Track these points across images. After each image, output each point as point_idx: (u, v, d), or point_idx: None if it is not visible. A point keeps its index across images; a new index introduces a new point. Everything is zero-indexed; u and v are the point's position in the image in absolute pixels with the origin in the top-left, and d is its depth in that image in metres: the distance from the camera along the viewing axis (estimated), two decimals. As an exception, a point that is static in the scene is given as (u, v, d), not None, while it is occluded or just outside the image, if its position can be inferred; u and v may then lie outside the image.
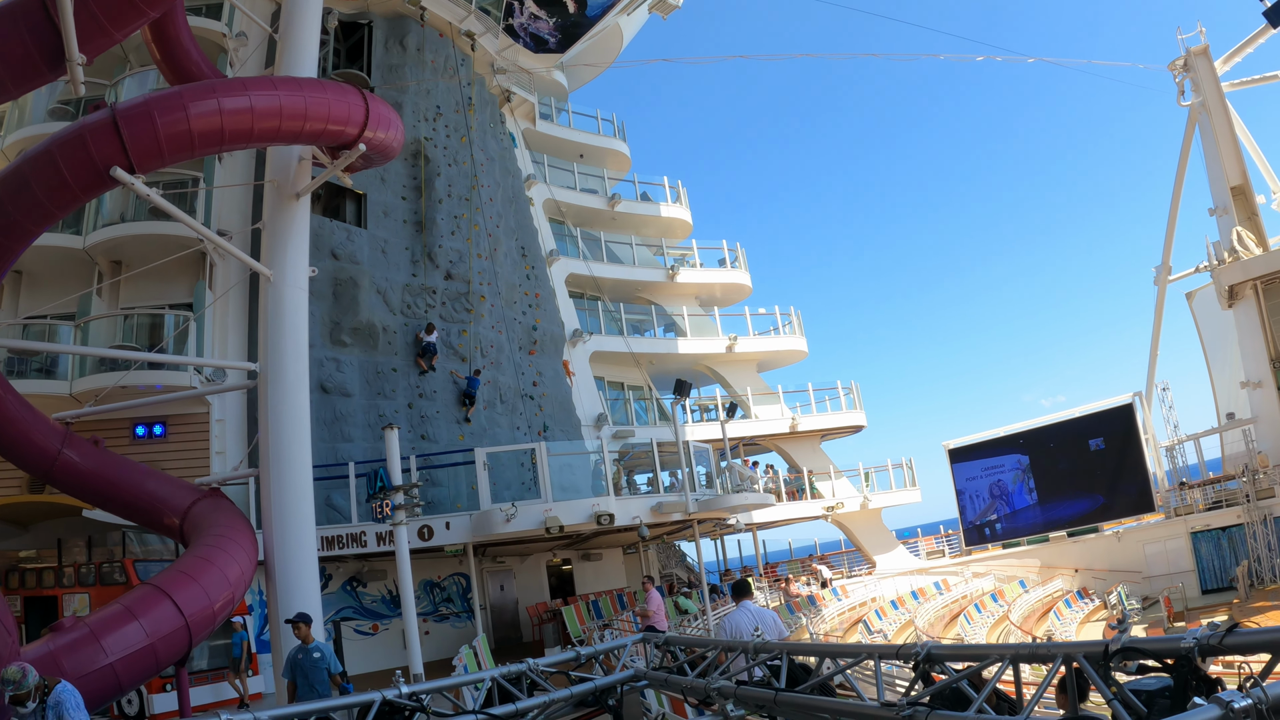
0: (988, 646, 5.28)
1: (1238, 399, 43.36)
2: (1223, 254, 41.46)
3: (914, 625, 32.58)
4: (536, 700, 7.94)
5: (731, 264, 44.20)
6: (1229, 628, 3.66)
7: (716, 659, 8.13)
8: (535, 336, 31.73)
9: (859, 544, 43.72)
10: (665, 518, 26.22)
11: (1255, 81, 46.44)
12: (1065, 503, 43.92)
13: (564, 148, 39.96)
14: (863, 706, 5.32)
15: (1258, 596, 35.10)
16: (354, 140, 14.87)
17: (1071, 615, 37.41)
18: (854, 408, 44.21)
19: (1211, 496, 40.22)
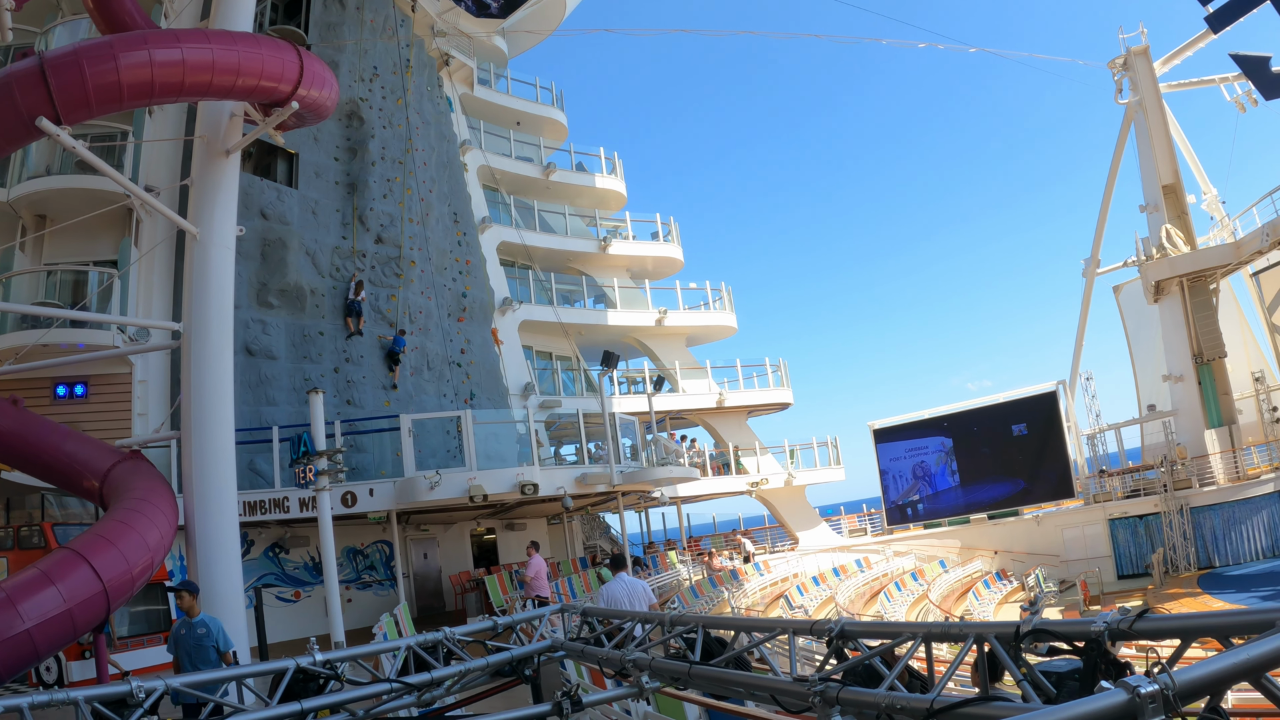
0: (901, 624, 5.30)
1: (1159, 391, 44.38)
2: (1151, 250, 42.30)
3: (835, 602, 32.99)
4: (452, 669, 7.87)
5: (664, 237, 44.17)
6: (1140, 613, 3.71)
7: (632, 630, 8.09)
8: (465, 304, 31.43)
9: (782, 520, 44.10)
10: (589, 489, 26.25)
11: (1192, 84, 47.49)
12: (987, 486, 44.75)
13: (501, 114, 39.53)
14: (776, 681, 5.34)
15: (1171, 583, 36.06)
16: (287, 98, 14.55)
17: (990, 596, 38.13)
18: (781, 385, 44.45)
19: (1130, 485, 41.16)
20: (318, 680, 7.25)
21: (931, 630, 4.81)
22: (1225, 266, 42.30)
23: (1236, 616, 3.61)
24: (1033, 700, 3.80)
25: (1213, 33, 41.04)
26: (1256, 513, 37.98)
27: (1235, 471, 39.66)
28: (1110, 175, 47.90)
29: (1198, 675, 2.68)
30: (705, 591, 31.97)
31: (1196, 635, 3.74)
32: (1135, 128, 44.94)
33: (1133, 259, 44.65)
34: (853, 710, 4.56)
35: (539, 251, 37.85)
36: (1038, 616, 3.77)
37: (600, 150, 43.14)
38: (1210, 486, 38.92)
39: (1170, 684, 2.60)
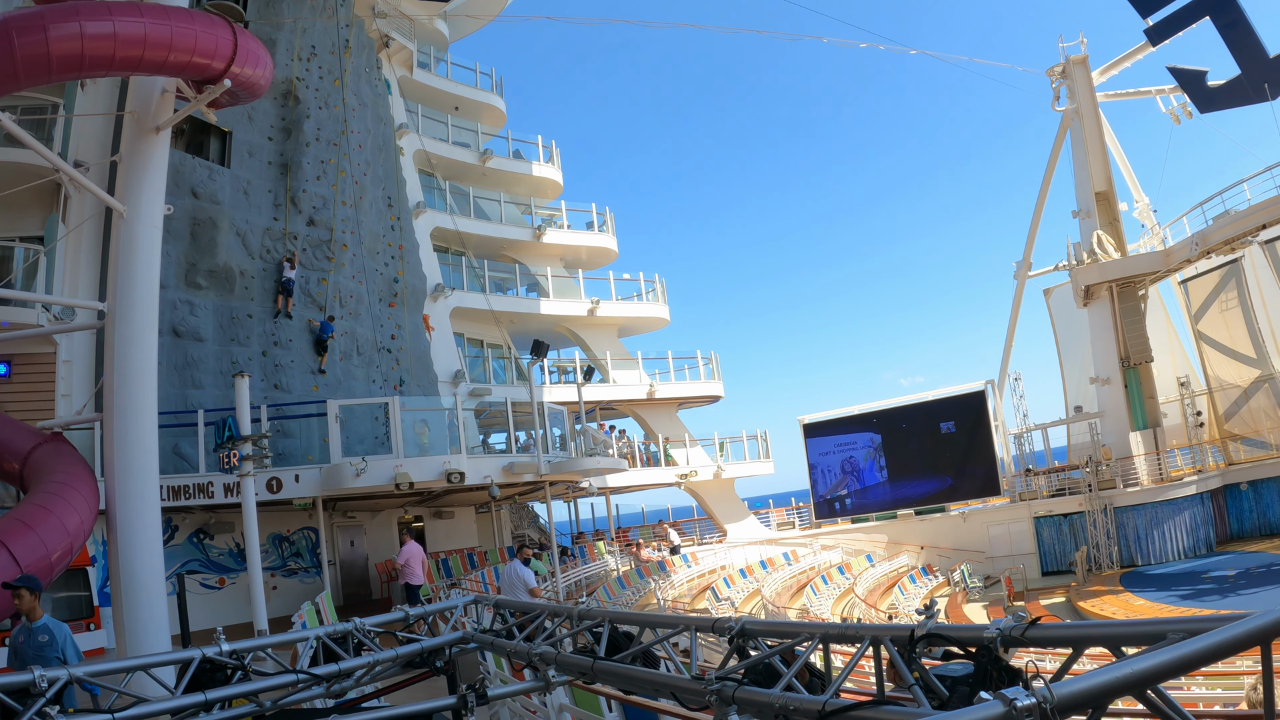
0: (799, 625, 5.26)
1: (1086, 393, 45.30)
2: (1082, 255, 43.12)
3: (761, 595, 33.19)
4: (361, 660, 7.72)
5: (599, 228, 44.11)
6: (1032, 620, 3.73)
7: (543, 623, 8.03)
8: (396, 289, 31.10)
9: (711, 512, 44.32)
10: (517, 478, 26.12)
11: (1129, 94, 48.47)
12: (914, 482, 45.56)
13: (440, 99, 39.14)
14: (675, 678, 5.37)
15: (1094, 580, 36.85)
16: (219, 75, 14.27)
17: (915, 590, 38.82)
18: (712, 378, 44.72)
19: (1055, 484, 42.12)
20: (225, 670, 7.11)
21: (829, 631, 4.84)
22: (1154, 274, 43.20)
23: (1128, 627, 3.59)
24: (923, 705, 3.81)
25: (1151, 45, 41.83)
26: (1178, 513, 39.02)
27: (1159, 473, 40.59)
28: (1045, 180, 48.61)
29: (1077, 689, 2.67)
30: (632, 583, 32.02)
31: (1088, 644, 3.76)
32: (1071, 135, 45.72)
33: (1064, 263, 45.61)
34: (750, 709, 4.57)
35: (473, 238, 37.58)
36: (933, 621, 3.80)
37: (538, 138, 42.99)
38: (1134, 487, 39.81)
39: (1049, 697, 2.58)
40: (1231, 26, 38.66)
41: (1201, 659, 2.86)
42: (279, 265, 26.46)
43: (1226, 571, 34.29)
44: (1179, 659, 2.80)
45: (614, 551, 35.85)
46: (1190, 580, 34.03)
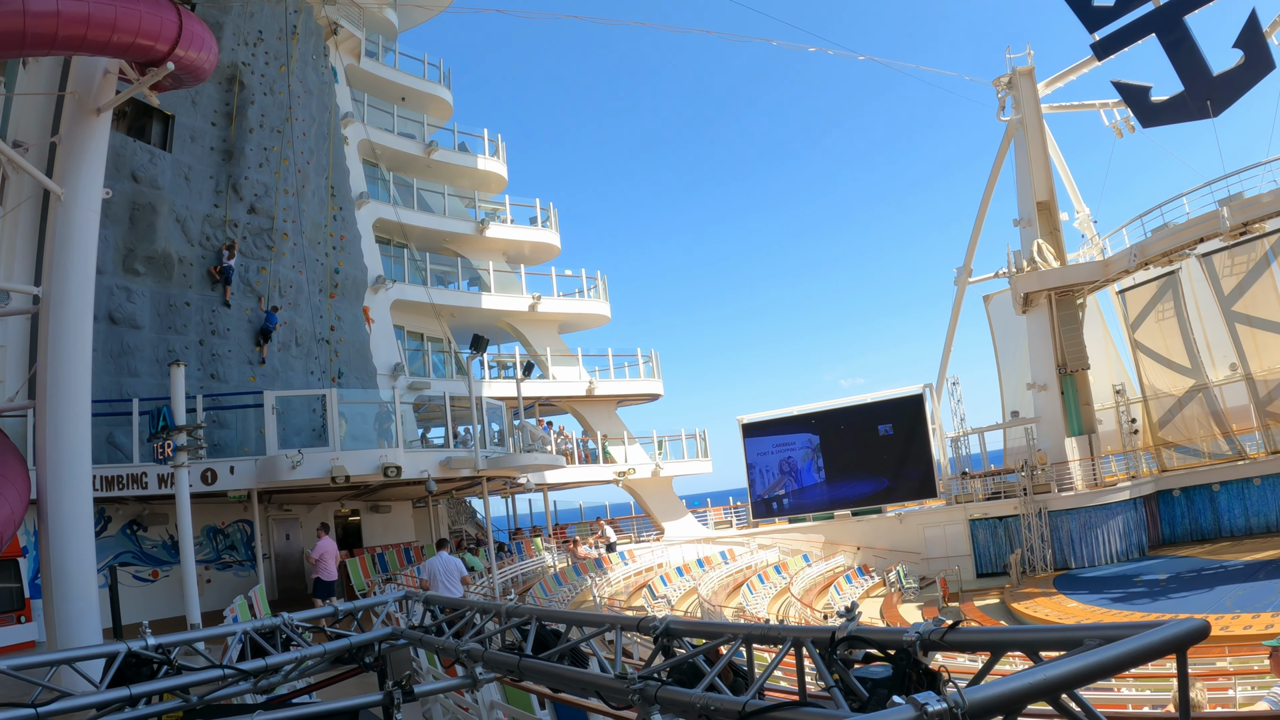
0: (723, 625, 5.31)
1: (1023, 399, 45.92)
2: (1022, 263, 43.67)
3: (698, 593, 33.29)
4: (289, 656, 7.65)
5: (543, 223, 44.00)
6: (952, 624, 3.71)
7: (472, 619, 8.00)
8: (337, 280, 30.69)
9: (649, 510, 44.42)
10: (454, 473, 26.06)
11: (1073, 107, 49.42)
12: (852, 483, 46.09)
13: (386, 89, 38.78)
14: (599, 677, 5.37)
15: (1028, 583, 37.34)
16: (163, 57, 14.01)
17: (852, 590, 39.23)
18: (652, 376, 44.86)
19: (991, 487, 42.68)
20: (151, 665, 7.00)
21: (751, 632, 4.86)
22: (1093, 283, 43.87)
23: (1046, 632, 3.65)
24: (841, 706, 3.82)
25: (1097, 60, 42.32)
26: (1112, 518, 39.77)
27: (1093, 478, 41.26)
28: (987, 188, 49.07)
29: (989, 694, 2.66)
30: (569, 580, 32.03)
31: (1006, 649, 3.78)
32: (1015, 144, 46.24)
33: (1004, 270, 46.26)
34: (673, 709, 4.58)
35: (416, 230, 37.37)
36: (853, 623, 3.82)
37: (484, 132, 42.81)
38: (1069, 492, 40.44)
39: (960, 702, 2.58)
40: (1177, 44, 39.18)
41: (1115, 666, 2.89)
42: (218, 253, 26.06)
43: (1158, 576, 34.94)
44: (1092, 666, 2.83)
45: (551, 548, 35.81)
46: (1122, 583, 34.63)
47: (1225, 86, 39.39)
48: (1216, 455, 42.87)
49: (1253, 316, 41.43)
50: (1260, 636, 12.07)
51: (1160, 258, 40.66)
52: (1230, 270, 41.71)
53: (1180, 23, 38.86)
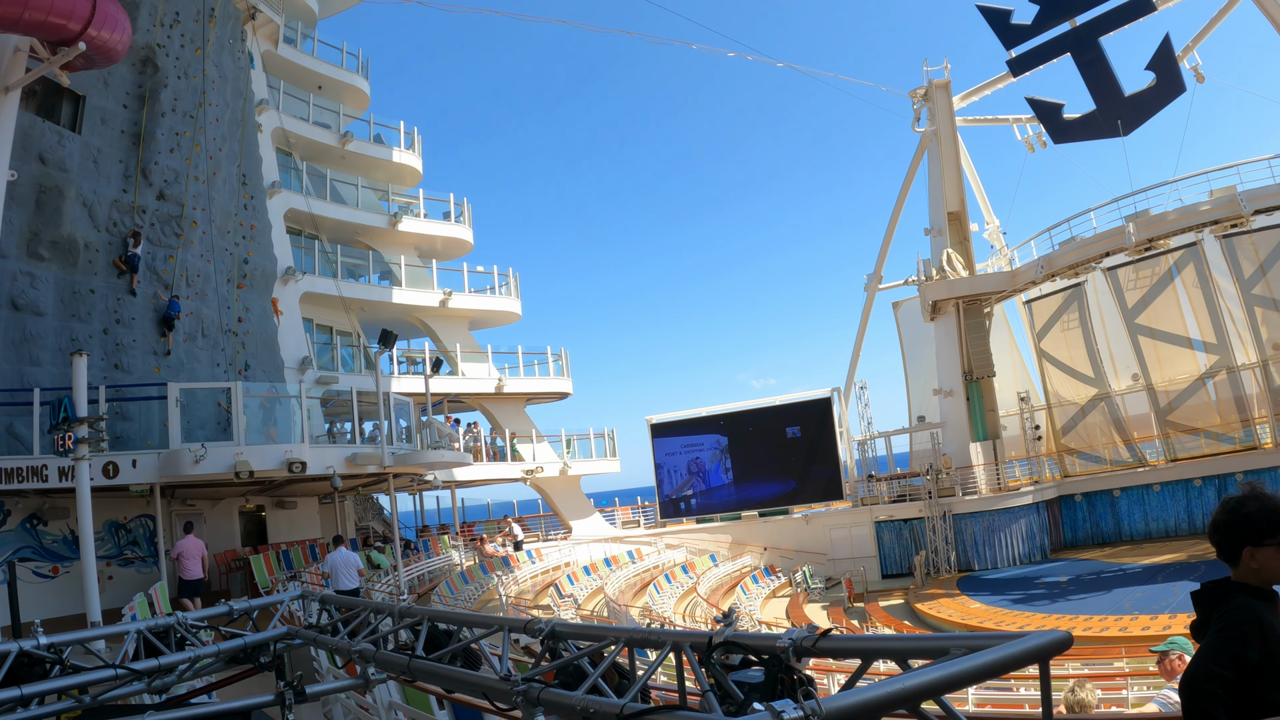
0: (607, 628, 5.43)
1: (929, 404, 46.88)
2: (931, 271, 44.48)
3: (604, 592, 33.61)
4: (183, 655, 7.53)
5: (456, 218, 43.65)
6: (824, 632, 3.79)
7: (367, 618, 7.94)
8: (246, 270, 30.08)
9: (556, 509, 44.46)
10: (360, 469, 25.83)
11: (987, 121, 50.60)
12: (759, 484, 46.63)
13: (303, 76, 38.13)
14: (484, 678, 5.39)
15: (932, 584, 38.12)
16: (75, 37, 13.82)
17: (758, 590, 39.60)
18: (562, 375, 44.92)
19: (897, 490, 43.61)
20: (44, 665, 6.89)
21: (633, 636, 4.95)
22: (1000, 293, 45.11)
23: (914, 641, 3.70)
24: (715, 710, 3.86)
25: (1012, 76, 43.21)
26: (1015, 521, 40.79)
27: (997, 483, 42.23)
28: (900, 197, 50.05)
29: (847, 703, 2.69)
30: (476, 578, 31.94)
31: (876, 657, 3.83)
32: (929, 155, 47.19)
33: (913, 278, 47.17)
34: (556, 711, 4.62)
35: (327, 222, 36.88)
36: (730, 629, 3.93)
37: (400, 124, 42.33)
38: (973, 495, 41.34)
39: (817, 710, 2.60)
40: (1091, 64, 40.14)
41: (976, 676, 2.93)
42: (124, 242, 25.46)
43: (1059, 578, 35.88)
44: (953, 675, 2.85)
45: (458, 546, 35.66)
46: (1024, 585, 35.50)
47: (1136, 107, 40.46)
48: (1118, 462, 44.14)
49: (1155, 329, 42.63)
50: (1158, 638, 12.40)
51: (1067, 270, 42.09)
52: (1134, 284, 42.81)
53: (1095, 43, 39.84)
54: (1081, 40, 40.06)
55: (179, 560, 20.68)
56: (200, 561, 20.92)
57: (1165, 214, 38.97)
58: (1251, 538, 3.75)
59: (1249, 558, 3.77)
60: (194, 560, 20.76)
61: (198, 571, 20.73)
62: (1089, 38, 39.88)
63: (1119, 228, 39.43)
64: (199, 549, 21.00)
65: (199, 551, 20.94)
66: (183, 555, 20.70)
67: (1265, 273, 39.32)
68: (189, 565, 20.64)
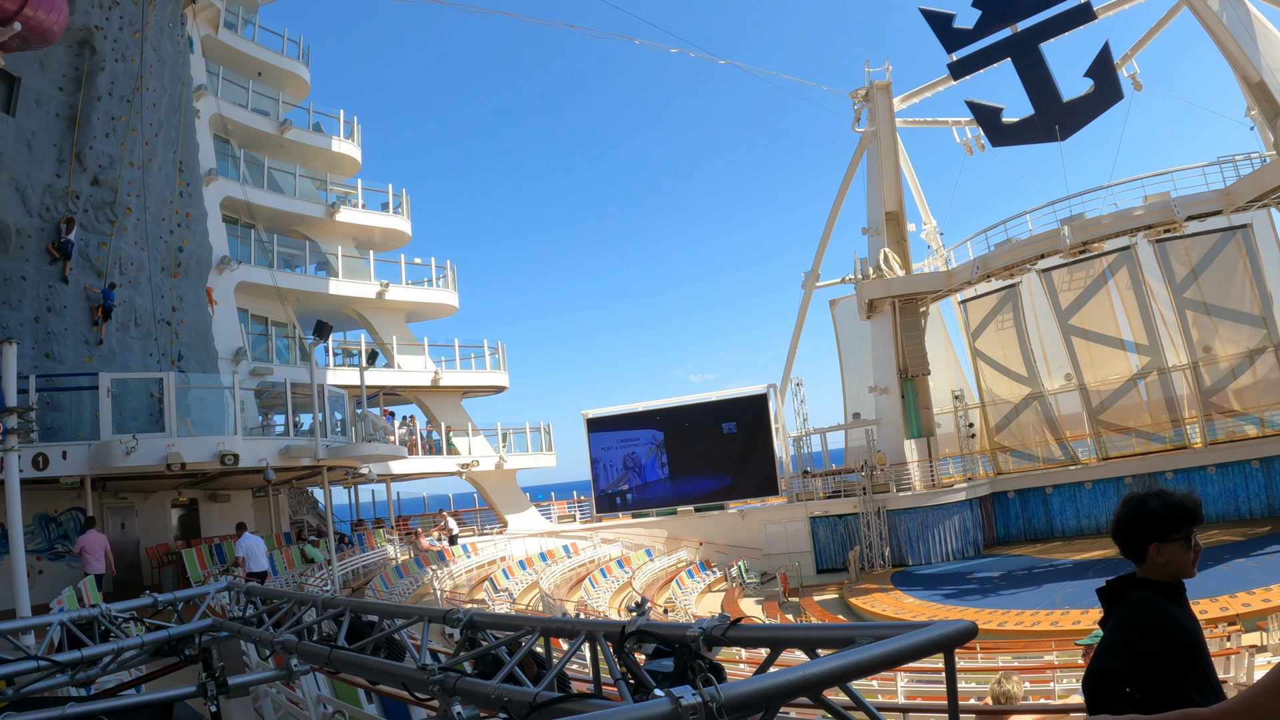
0: (524, 618, 5.62)
1: (865, 401, 47.53)
2: (869, 270, 45.01)
3: (539, 587, 33.46)
4: (106, 647, 7.41)
5: (395, 209, 43.35)
6: (733, 621, 3.81)
7: (291, 610, 7.88)
8: (180, 259, 29.45)
9: (492, 503, 44.38)
10: (294, 462, 25.57)
11: (926, 123, 51.28)
12: (695, 480, 47.05)
13: (243, 62, 37.45)
14: (403, 668, 5.47)
15: (866, 579, 38.67)
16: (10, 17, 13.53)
17: (694, 585, 39.69)
18: (498, 368, 44.77)
19: (832, 486, 44.13)
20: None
21: (549, 625, 5.03)
22: (936, 292, 45.82)
23: (822, 630, 3.74)
24: (626, 699, 3.88)
25: (953, 79, 43.54)
26: (948, 518, 41.54)
27: (931, 479, 43.01)
28: (839, 196, 50.48)
29: (747, 690, 2.68)
30: (411, 572, 31.78)
31: (784, 645, 3.91)
32: (868, 155, 47.72)
33: (851, 277, 47.71)
34: (473, 700, 4.67)
35: (264, 211, 36.38)
36: (643, 618, 4.03)
37: (340, 113, 41.86)
38: (907, 492, 42.00)
39: (716, 696, 2.58)
40: (1031, 69, 40.61)
41: (879, 664, 2.93)
42: (56, 228, 24.91)
43: (992, 573, 36.51)
44: (854, 664, 2.85)
45: (393, 540, 35.42)
46: (957, 580, 36.18)
47: (1074, 112, 41.00)
48: (1050, 460, 45.07)
49: (1088, 330, 43.55)
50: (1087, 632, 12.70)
51: (1002, 271, 42.76)
52: (1069, 286, 43.67)
53: (1036, 49, 40.30)
54: (1022, 46, 40.50)
55: (81, 555, 20.31)
56: (104, 557, 20.57)
57: (1100, 218, 39.71)
58: (1158, 533, 3.94)
59: (1155, 553, 3.96)
60: (96, 556, 20.42)
61: (100, 567, 20.37)
62: (1030, 44, 40.33)
63: (1054, 230, 40.08)
64: (101, 544, 20.65)
65: (102, 547, 20.59)
66: (85, 551, 20.35)
67: (1197, 277, 40.33)
68: (91, 561, 20.29)
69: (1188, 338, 41.13)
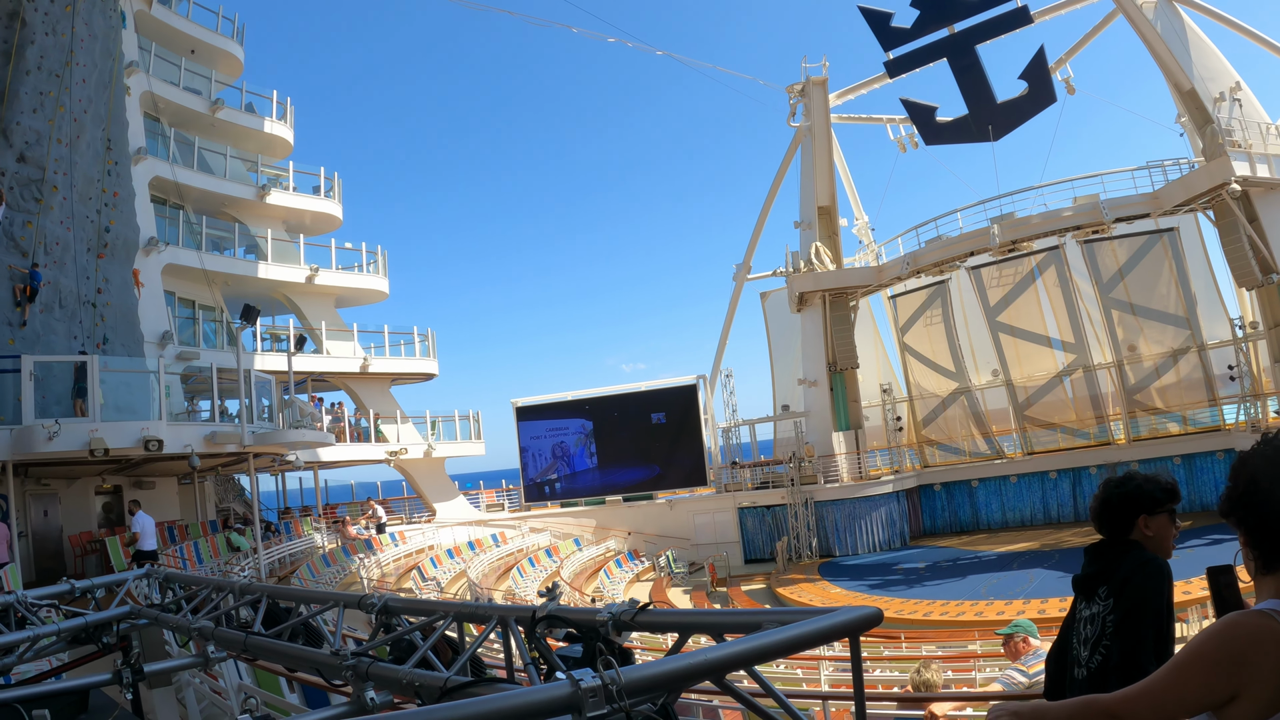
0: (437, 603, 5.53)
1: (794, 393, 47.87)
2: (800, 264, 45.23)
3: (467, 576, 33.47)
4: (21, 635, 7.24)
5: (326, 193, 42.73)
6: (642, 606, 3.83)
7: (209, 596, 7.74)
8: (107, 239, 28.71)
9: (420, 491, 44.09)
10: (219, 448, 25.33)
11: (861, 119, 51.80)
12: (624, 469, 47.16)
13: (176, 39, 36.64)
14: (317, 654, 5.48)
15: (793, 569, 39.15)
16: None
17: (622, 574, 40.00)
18: (428, 355, 44.54)
19: (760, 477, 44.48)
20: None
21: (462, 610, 5.03)
22: (866, 287, 46.32)
23: (730, 616, 3.93)
24: (535, 682, 3.97)
25: (889, 77, 43.81)
26: (875, 509, 41.99)
27: (858, 471, 43.45)
28: (772, 190, 50.80)
29: (649, 673, 2.65)
30: (338, 560, 31.54)
31: (693, 631, 3.89)
32: (802, 150, 48.04)
33: (782, 269, 47.91)
34: (386, 685, 4.74)
35: (193, 192, 35.70)
36: (553, 603, 4.07)
37: (274, 94, 41.16)
38: (834, 483, 42.39)
39: (617, 679, 2.55)
40: (966, 70, 40.95)
41: (784, 648, 2.90)
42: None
43: (917, 564, 36.95)
44: (756, 648, 2.82)
45: (321, 528, 35.08)
46: (882, 571, 36.62)
47: (1007, 113, 41.45)
48: (976, 454, 45.73)
49: (1015, 327, 44.35)
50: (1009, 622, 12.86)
51: (932, 267, 43.25)
52: (997, 283, 44.40)
53: (972, 50, 40.66)
54: (959, 47, 40.82)
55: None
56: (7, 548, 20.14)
57: (1030, 218, 40.31)
58: (1147, 505, 4.08)
59: (1144, 525, 4.08)
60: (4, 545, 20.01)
61: (4, 555, 19.96)
62: (966, 44, 40.65)
63: (984, 229, 40.60)
64: (3, 534, 20.22)
65: (3, 537, 20.17)
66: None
67: (1123, 277, 41.24)
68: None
69: (1113, 336, 42.08)
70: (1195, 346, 40.44)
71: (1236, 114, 36.48)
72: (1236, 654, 2.53)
